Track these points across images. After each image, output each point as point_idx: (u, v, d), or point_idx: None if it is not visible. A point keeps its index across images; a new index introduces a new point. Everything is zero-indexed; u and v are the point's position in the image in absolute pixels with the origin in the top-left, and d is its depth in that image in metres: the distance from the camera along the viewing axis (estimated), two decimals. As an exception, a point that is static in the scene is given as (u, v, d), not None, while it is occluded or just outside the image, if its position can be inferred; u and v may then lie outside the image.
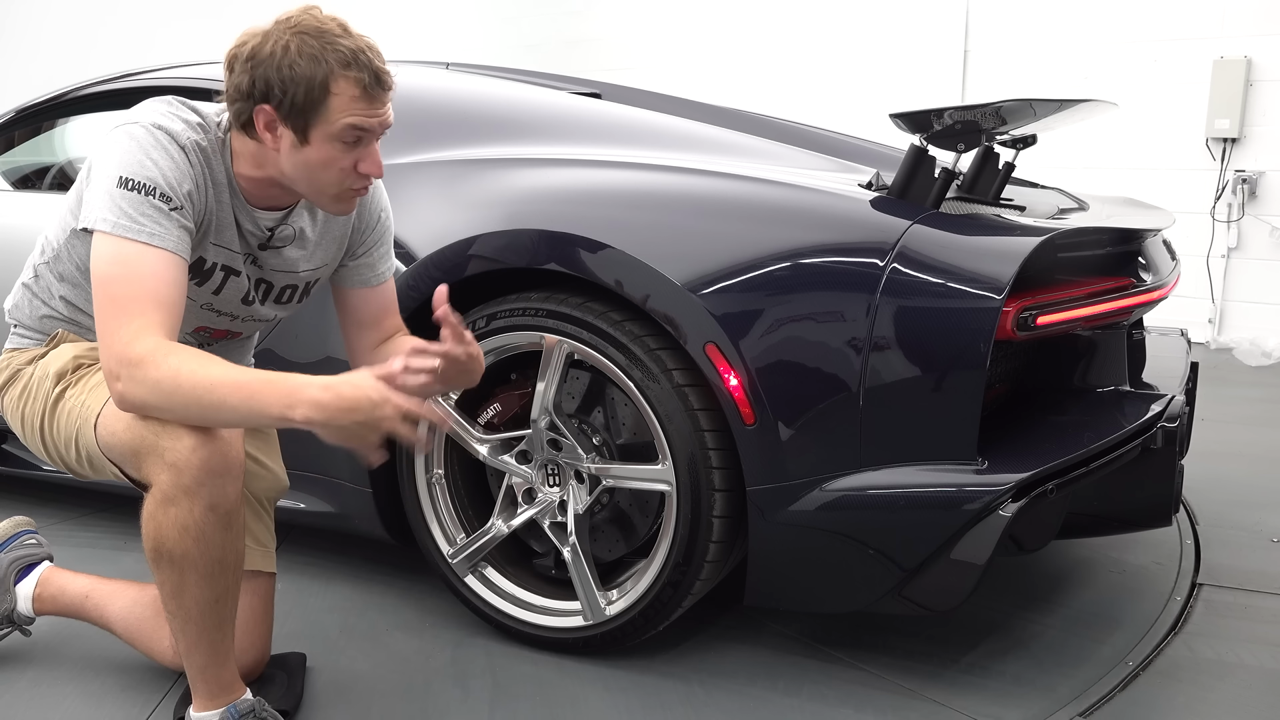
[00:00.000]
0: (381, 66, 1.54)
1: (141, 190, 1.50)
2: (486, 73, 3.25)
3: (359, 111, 1.52)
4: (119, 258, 1.48)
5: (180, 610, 1.58)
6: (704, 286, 1.82)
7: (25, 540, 2.05)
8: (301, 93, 1.50)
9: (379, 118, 1.55)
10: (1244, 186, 5.69)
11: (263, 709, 1.69)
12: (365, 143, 1.56)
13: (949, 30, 6.47)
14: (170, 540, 1.51)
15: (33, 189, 3.37)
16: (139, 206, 1.49)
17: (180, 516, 1.50)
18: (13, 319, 1.82)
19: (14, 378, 1.78)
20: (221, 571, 1.57)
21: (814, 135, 2.93)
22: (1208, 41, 5.70)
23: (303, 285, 1.81)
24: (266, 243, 1.71)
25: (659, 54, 7.60)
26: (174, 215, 1.52)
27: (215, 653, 1.63)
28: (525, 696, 1.93)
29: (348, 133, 1.53)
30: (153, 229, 1.50)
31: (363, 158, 1.57)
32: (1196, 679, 2.00)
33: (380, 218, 1.84)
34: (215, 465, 1.49)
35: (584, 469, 2.01)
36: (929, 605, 1.84)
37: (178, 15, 7.66)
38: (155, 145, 1.53)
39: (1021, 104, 1.93)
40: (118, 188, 1.50)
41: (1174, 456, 2.06)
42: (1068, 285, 1.95)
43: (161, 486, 1.50)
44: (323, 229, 1.77)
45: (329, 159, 1.55)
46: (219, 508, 1.52)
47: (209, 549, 1.53)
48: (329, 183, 1.58)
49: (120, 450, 1.56)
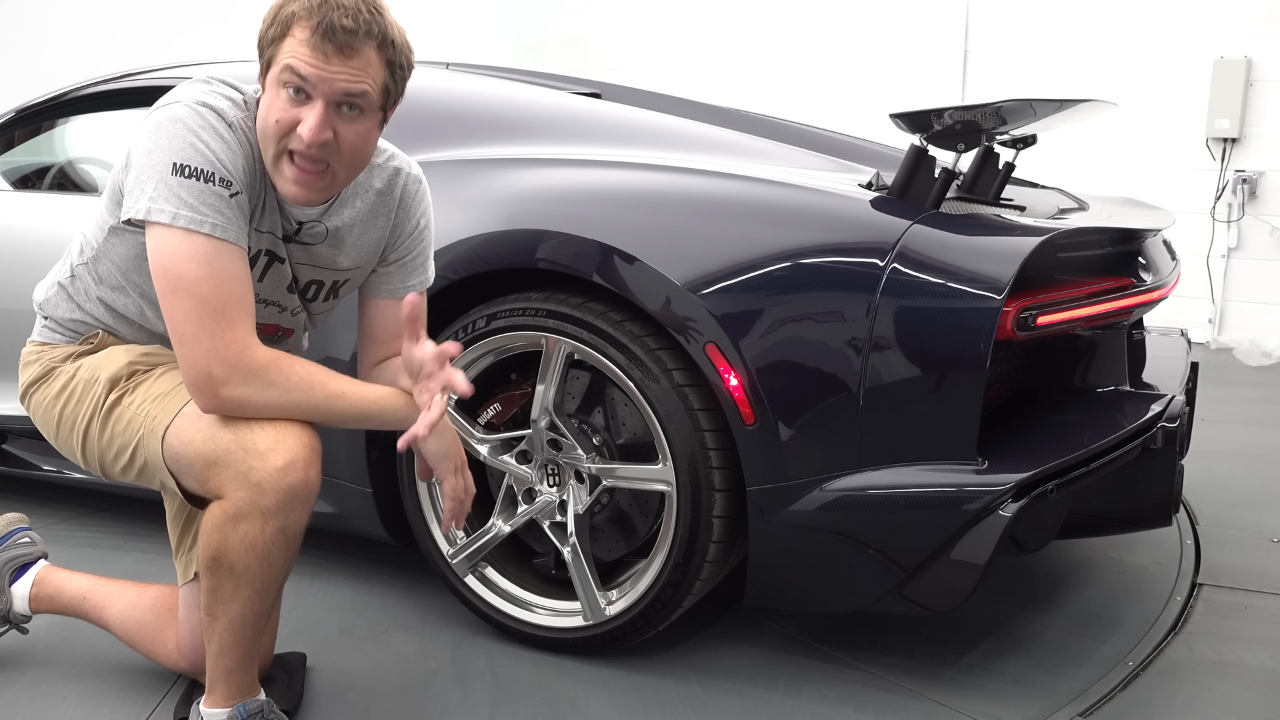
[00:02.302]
0: (345, 24, 1.41)
1: (200, 176, 1.42)
2: (486, 73, 3.25)
3: (302, 57, 1.41)
4: (195, 254, 1.42)
5: (224, 616, 1.56)
6: (704, 286, 1.82)
7: (19, 539, 2.04)
8: (269, 29, 1.45)
9: (320, 71, 1.41)
10: (1244, 186, 5.69)
11: (270, 710, 1.69)
12: (310, 100, 1.43)
13: (949, 30, 6.47)
14: (234, 554, 1.50)
15: (33, 189, 3.38)
16: (200, 195, 1.42)
17: (250, 534, 1.49)
18: (43, 313, 1.75)
19: (49, 375, 1.69)
20: (275, 588, 1.58)
21: (814, 135, 2.93)
22: (1208, 41, 5.70)
23: (329, 284, 1.72)
24: (293, 235, 1.63)
25: (659, 54, 7.60)
26: (234, 202, 1.46)
27: (246, 658, 1.63)
28: (525, 696, 1.93)
29: (285, 74, 1.42)
30: (216, 219, 1.43)
31: (304, 117, 1.43)
32: (1196, 679, 2.00)
33: (420, 223, 1.73)
34: (299, 492, 1.49)
35: (584, 469, 2.01)
36: (929, 605, 1.84)
37: (197, 20, 7.65)
38: (205, 126, 1.45)
39: (1021, 104, 1.93)
40: (173, 175, 1.42)
41: (1174, 456, 2.06)
42: (1068, 285, 1.95)
43: (235, 501, 1.48)
44: (361, 229, 1.67)
45: (270, 106, 1.45)
46: (289, 530, 1.51)
47: (270, 568, 1.53)
48: (268, 136, 1.47)
49: (189, 460, 1.51)
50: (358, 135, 1.49)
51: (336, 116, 1.46)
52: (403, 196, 1.70)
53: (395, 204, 1.69)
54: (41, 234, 2.64)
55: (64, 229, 1.81)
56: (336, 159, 1.49)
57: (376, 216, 1.68)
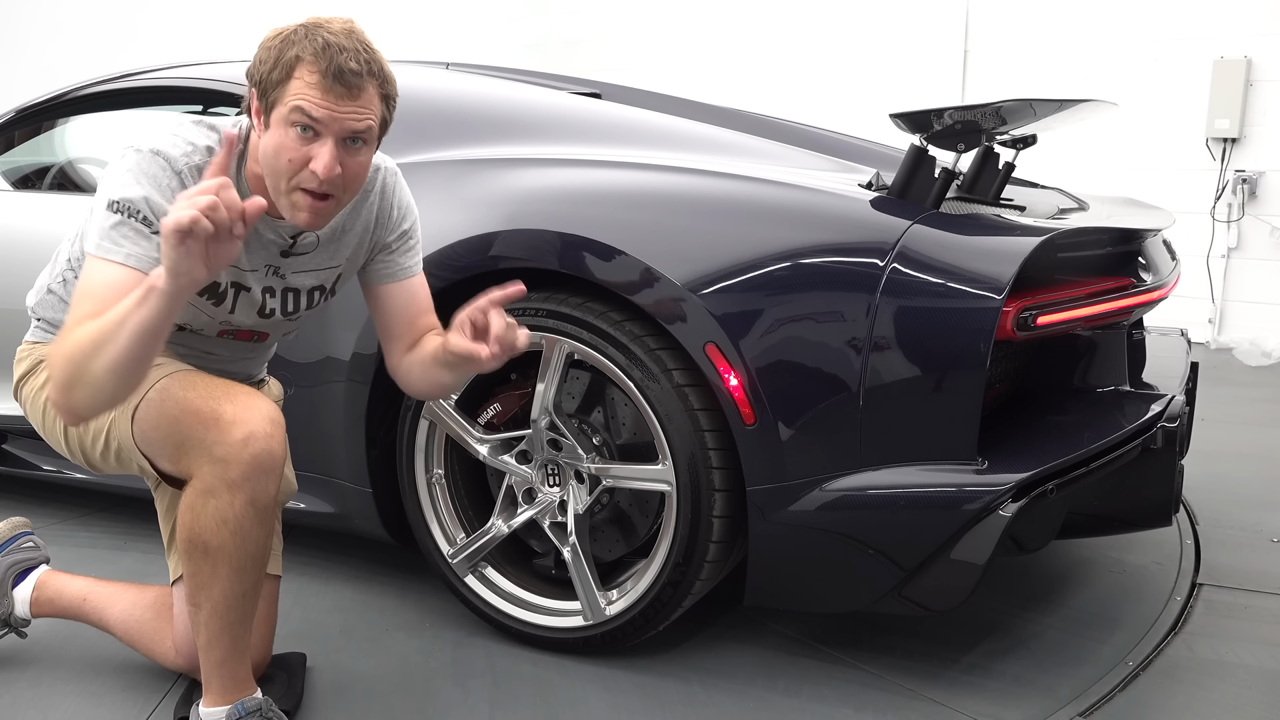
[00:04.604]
0: (351, 67, 1.49)
1: (125, 212, 1.52)
2: (486, 73, 3.25)
3: (312, 99, 1.48)
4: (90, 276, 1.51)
5: (207, 602, 1.60)
6: (704, 286, 1.82)
7: (23, 543, 2.05)
8: (271, 72, 1.50)
9: (331, 113, 1.49)
10: (1244, 186, 5.69)
11: (270, 709, 1.69)
12: (320, 139, 1.51)
13: (949, 30, 6.47)
14: (208, 532, 1.54)
15: (33, 189, 3.38)
16: (119, 229, 1.51)
17: (220, 509, 1.53)
18: (36, 315, 1.84)
19: (36, 368, 1.78)
20: (252, 566, 1.59)
21: (814, 135, 2.93)
22: (1208, 41, 5.70)
23: (330, 284, 1.81)
24: (290, 249, 1.71)
25: (659, 54, 7.60)
26: (154, 238, 1.51)
27: (235, 647, 1.64)
28: (525, 696, 1.93)
29: (295, 115, 1.49)
30: (129, 249, 1.51)
31: (316, 156, 1.51)
32: (1196, 679, 2.00)
33: (395, 214, 1.80)
34: (263, 461, 1.53)
35: (584, 469, 2.01)
36: (929, 605, 1.84)
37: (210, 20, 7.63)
38: (143, 172, 1.54)
39: (1021, 104, 1.93)
40: (107, 210, 1.52)
41: (1174, 456, 2.06)
42: (1068, 285, 1.95)
43: (204, 479, 1.53)
44: (345, 225, 1.74)
45: (280, 144, 1.52)
46: (259, 502, 1.55)
47: (244, 543, 1.56)
48: (279, 173, 1.54)
49: (159, 442, 1.57)
50: (360, 166, 1.59)
51: (343, 151, 1.54)
52: (382, 188, 1.78)
53: (376, 196, 1.78)
54: (41, 234, 2.64)
55: (64, 229, 1.84)
56: (342, 188, 1.58)
57: (359, 209, 1.76)
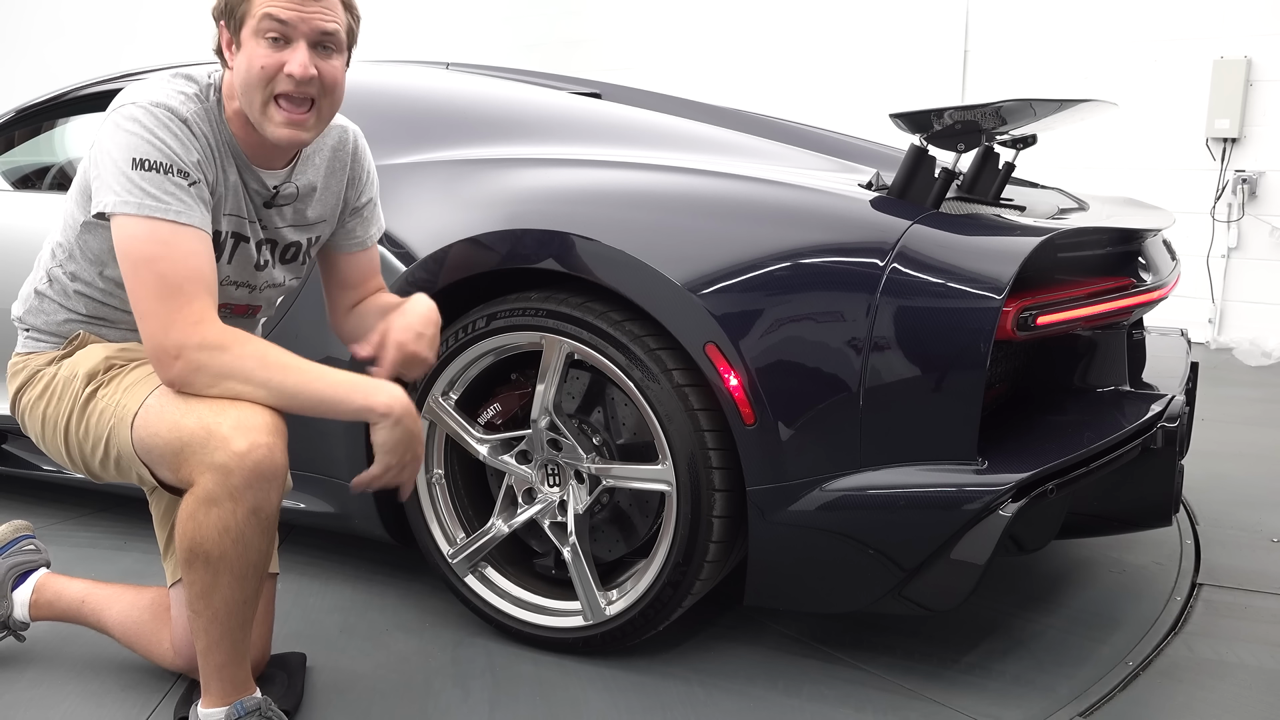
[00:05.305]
0: None
1: (159, 169, 1.51)
2: (486, 73, 3.24)
3: (279, 4, 1.52)
4: (155, 236, 1.51)
5: (207, 609, 1.58)
6: (704, 286, 1.82)
7: (24, 546, 2.06)
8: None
9: (299, 13, 1.53)
10: (1244, 186, 5.69)
11: (269, 708, 1.69)
12: (292, 43, 1.55)
13: (949, 30, 6.47)
14: (209, 541, 1.51)
15: (33, 189, 3.37)
16: (160, 185, 1.51)
17: (223, 518, 1.50)
18: (24, 325, 1.80)
19: (33, 379, 1.75)
20: (254, 574, 1.58)
21: (814, 135, 2.93)
22: (1208, 41, 5.70)
23: (305, 243, 1.83)
24: (271, 200, 1.73)
25: (659, 54, 7.60)
26: (193, 190, 1.55)
27: (235, 652, 1.63)
28: (525, 696, 1.93)
29: (266, 23, 1.53)
30: (178, 206, 1.52)
31: (290, 59, 1.55)
32: (1196, 679, 2.00)
33: (365, 178, 1.87)
34: (265, 470, 1.50)
35: (584, 469, 2.01)
36: (929, 605, 1.84)
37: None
38: (158, 124, 1.54)
39: (1021, 104, 1.92)
40: (133, 170, 1.50)
41: (1174, 456, 2.06)
42: (1068, 285, 1.95)
43: (205, 487, 1.50)
44: (324, 184, 1.79)
45: (251, 56, 1.55)
46: (261, 512, 1.53)
47: (246, 552, 1.54)
48: (254, 85, 1.56)
49: (160, 450, 1.55)
50: (335, 71, 1.61)
51: (316, 55, 1.57)
52: (355, 150, 1.84)
53: (349, 157, 1.83)
54: (42, 234, 2.63)
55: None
56: (320, 95, 1.60)
57: (335, 169, 1.81)
